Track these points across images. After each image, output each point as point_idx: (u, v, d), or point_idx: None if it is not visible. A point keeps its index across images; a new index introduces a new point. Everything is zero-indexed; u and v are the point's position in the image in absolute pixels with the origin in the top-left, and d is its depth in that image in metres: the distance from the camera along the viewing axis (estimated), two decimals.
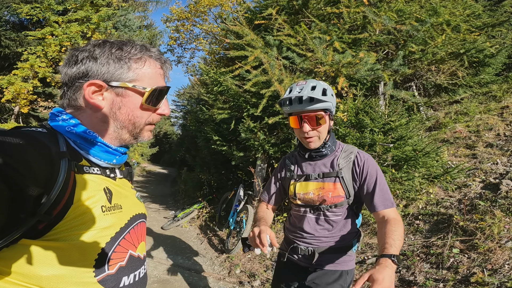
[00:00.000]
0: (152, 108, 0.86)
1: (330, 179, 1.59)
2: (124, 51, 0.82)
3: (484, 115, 6.63)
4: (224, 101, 5.16)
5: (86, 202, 0.71)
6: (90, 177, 0.76)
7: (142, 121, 0.86)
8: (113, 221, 0.77)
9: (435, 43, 5.03)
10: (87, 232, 0.69)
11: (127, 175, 0.98)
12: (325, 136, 1.60)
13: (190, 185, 8.39)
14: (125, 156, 0.91)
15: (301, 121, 1.54)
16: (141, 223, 0.92)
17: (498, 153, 4.99)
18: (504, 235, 3.03)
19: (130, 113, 0.83)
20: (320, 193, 1.58)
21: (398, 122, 4.24)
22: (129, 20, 12.50)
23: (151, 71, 0.85)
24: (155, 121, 0.90)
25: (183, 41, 12.27)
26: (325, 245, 1.60)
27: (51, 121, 0.80)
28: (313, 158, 1.65)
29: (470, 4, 6.30)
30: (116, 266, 0.77)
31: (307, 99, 1.50)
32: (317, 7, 4.65)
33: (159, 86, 0.85)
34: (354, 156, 1.60)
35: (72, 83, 0.81)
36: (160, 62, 0.89)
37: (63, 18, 10.90)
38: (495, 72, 7.01)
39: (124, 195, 0.87)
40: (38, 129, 0.74)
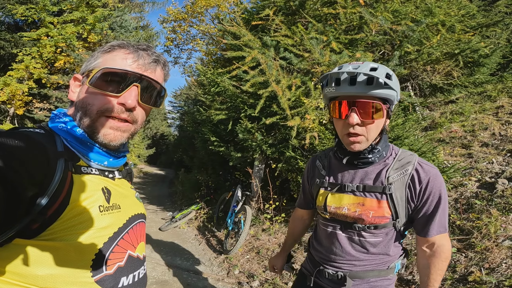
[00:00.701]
0: (107, 93, 0.77)
1: (374, 194, 1.20)
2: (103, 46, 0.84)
3: (479, 114, 6.69)
4: (221, 102, 5.16)
5: (83, 202, 0.70)
6: (88, 177, 0.76)
7: (93, 108, 0.77)
8: (111, 221, 0.77)
9: (430, 44, 5.07)
10: (84, 232, 0.69)
11: (127, 175, 0.97)
12: (374, 137, 1.17)
13: (188, 186, 8.37)
14: (122, 159, 0.89)
15: (349, 109, 1.12)
16: (141, 223, 0.91)
17: (493, 152, 5.03)
18: (500, 234, 3.06)
19: (84, 99, 0.79)
20: (357, 210, 1.21)
21: (394, 122, 4.26)
22: (125, 21, 12.48)
23: (113, 57, 0.82)
24: (110, 111, 0.78)
25: (180, 42, 12.26)
26: (359, 269, 1.26)
27: (51, 121, 0.80)
28: (353, 164, 1.25)
29: (464, 4, 6.36)
30: (114, 267, 0.76)
31: (364, 80, 1.07)
32: (313, 7, 4.67)
33: (111, 67, 0.79)
34: (413, 169, 1.17)
35: None
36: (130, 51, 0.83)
37: (59, 19, 10.87)
38: (490, 72, 7.07)
39: (123, 195, 0.87)
40: (36, 130, 0.74)
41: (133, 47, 0.84)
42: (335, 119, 1.20)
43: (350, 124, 1.12)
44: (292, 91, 4.11)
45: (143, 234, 0.93)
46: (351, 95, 1.12)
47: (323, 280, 1.35)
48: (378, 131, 1.16)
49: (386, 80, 1.07)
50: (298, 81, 4.22)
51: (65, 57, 11.30)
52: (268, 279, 3.62)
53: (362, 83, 1.07)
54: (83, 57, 11.20)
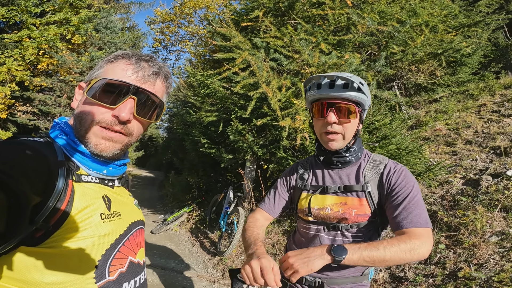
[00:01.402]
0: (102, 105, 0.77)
1: (355, 193, 1.28)
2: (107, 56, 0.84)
3: (462, 113, 6.88)
4: (211, 104, 5.16)
5: (85, 210, 0.71)
6: (88, 185, 0.77)
7: (88, 118, 0.77)
8: (113, 228, 0.78)
9: (414, 44, 5.19)
10: (87, 240, 0.70)
11: (124, 183, 0.99)
12: (350, 137, 1.29)
13: (178, 188, 8.32)
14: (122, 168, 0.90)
15: (327, 109, 1.25)
16: (140, 229, 0.92)
17: (477, 149, 5.18)
18: (487, 230, 3.16)
19: (81, 109, 0.80)
20: (340, 210, 1.27)
21: (382, 121, 4.35)
22: (111, 22, 12.29)
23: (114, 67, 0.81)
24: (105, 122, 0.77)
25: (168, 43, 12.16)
26: (336, 275, 1.28)
27: (52, 130, 0.81)
28: (333, 165, 1.34)
29: (447, 4, 6.52)
30: (116, 273, 0.77)
31: (341, 84, 1.23)
32: (302, 9, 4.72)
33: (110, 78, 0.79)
34: (384, 167, 1.28)
35: None
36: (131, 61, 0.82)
37: (41, 21, 10.65)
38: (472, 71, 7.28)
39: (123, 203, 0.88)
40: (35, 138, 0.75)
41: (135, 57, 0.83)
42: (316, 119, 1.32)
43: (328, 123, 1.24)
44: (282, 92, 4.15)
45: (143, 240, 0.95)
46: (330, 97, 1.25)
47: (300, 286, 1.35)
48: (353, 131, 1.29)
49: (360, 85, 1.23)
50: (288, 82, 4.26)
51: (48, 59, 11.05)
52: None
53: (340, 86, 1.23)
54: (67, 58, 10.99)
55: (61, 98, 12.01)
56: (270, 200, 1.49)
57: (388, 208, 1.22)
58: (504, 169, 4.20)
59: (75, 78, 11.37)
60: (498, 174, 4.17)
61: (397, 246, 1.06)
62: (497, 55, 11.00)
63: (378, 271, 3.16)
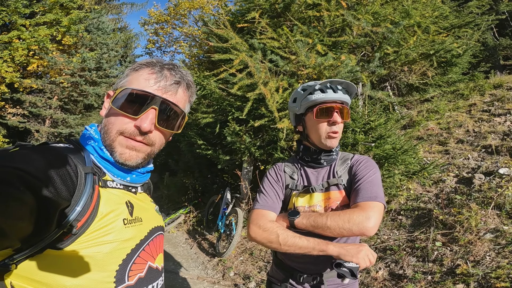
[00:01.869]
0: (126, 115, 0.78)
1: (335, 187, 1.41)
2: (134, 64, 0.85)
3: (453, 112, 6.99)
4: (207, 105, 5.16)
5: (109, 215, 0.73)
6: (113, 191, 0.79)
7: (113, 128, 0.79)
8: (134, 233, 0.79)
9: (407, 45, 5.28)
10: (109, 244, 0.72)
11: (147, 189, 1.01)
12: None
13: (174, 190, 8.28)
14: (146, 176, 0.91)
15: (331, 111, 1.37)
16: (160, 235, 0.94)
17: (469, 148, 5.28)
18: (481, 227, 3.23)
19: (107, 119, 0.82)
20: (327, 204, 1.38)
21: (377, 121, 4.41)
22: (103, 23, 12.18)
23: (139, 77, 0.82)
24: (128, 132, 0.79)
25: (162, 44, 12.09)
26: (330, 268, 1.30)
27: (82, 136, 0.83)
28: (319, 163, 1.45)
29: (438, 5, 6.64)
30: (135, 278, 0.78)
31: (342, 89, 1.40)
32: (298, 10, 4.76)
33: (133, 88, 0.80)
34: (350, 161, 1.45)
35: None
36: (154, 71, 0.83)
37: (31, 21, 10.49)
38: (462, 71, 7.43)
39: (145, 209, 0.89)
40: (66, 144, 0.77)
41: (159, 66, 0.83)
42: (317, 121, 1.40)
43: (335, 122, 1.37)
44: (279, 93, 4.18)
45: (162, 246, 0.96)
46: (334, 100, 1.38)
47: (298, 285, 1.37)
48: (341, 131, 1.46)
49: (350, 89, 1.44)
50: (285, 83, 4.29)
51: (38, 60, 10.91)
52: (264, 279, 3.67)
53: (343, 91, 1.40)
54: (57, 60, 10.85)
55: (52, 100, 11.86)
56: (272, 199, 1.43)
57: (351, 190, 1.36)
58: (496, 167, 4.29)
59: (66, 80, 11.24)
60: (490, 172, 4.27)
61: (338, 216, 1.22)
62: (486, 55, 11.24)
63: (378, 269, 3.21)
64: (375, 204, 1.23)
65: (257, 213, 1.40)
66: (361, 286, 3.11)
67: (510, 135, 5.10)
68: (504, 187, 3.72)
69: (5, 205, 0.51)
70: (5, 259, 0.62)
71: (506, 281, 2.38)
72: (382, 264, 3.31)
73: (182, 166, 7.87)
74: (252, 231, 1.35)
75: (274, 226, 1.31)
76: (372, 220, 1.18)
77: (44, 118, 12.03)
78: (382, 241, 3.71)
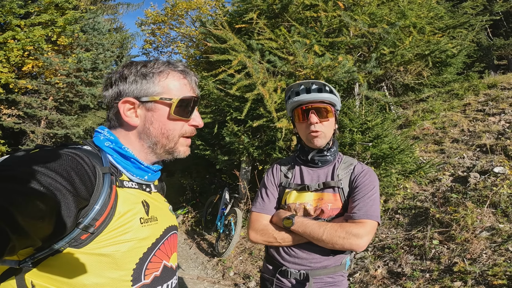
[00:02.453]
0: (183, 119, 0.88)
1: (330, 189, 1.44)
2: (148, 67, 0.87)
3: (448, 112, 7.06)
4: (206, 105, 5.18)
5: (127, 215, 0.75)
6: (129, 191, 0.81)
7: (175, 133, 0.88)
8: (150, 232, 0.81)
9: (403, 46, 5.33)
10: (127, 243, 0.73)
11: (160, 189, 1.03)
12: (330, 135, 1.48)
13: (171, 190, 8.28)
14: (158, 173, 0.95)
15: (307, 113, 1.44)
16: (174, 234, 0.96)
17: (464, 147, 5.35)
18: (477, 225, 3.28)
19: (162, 127, 0.87)
20: (318, 204, 1.42)
21: (374, 121, 4.45)
22: (98, 23, 12.11)
23: (176, 82, 0.88)
24: (188, 133, 0.91)
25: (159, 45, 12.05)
26: (319, 266, 1.39)
27: (94, 137, 0.85)
28: (314, 163, 1.50)
29: (433, 6, 6.70)
30: (151, 276, 0.80)
31: (316, 88, 1.44)
32: (296, 11, 4.79)
33: (186, 96, 0.88)
34: (354, 167, 1.49)
35: (111, 105, 0.87)
36: (183, 74, 0.91)
37: (26, 22, 10.41)
38: (456, 71, 7.50)
39: (159, 208, 0.91)
40: (84, 146, 0.79)
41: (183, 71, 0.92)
42: (299, 124, 1.49)
43: (311, 123, 1.41)
44: (278, 93, 4.20)
45: (176, 245, 0.98)
46: (308, 100, 1.44)
47: (285, 280, 1.42)
48: (332, 129, 1.48)
49: (331, 88, 1.46)
50: (283, 84, 4.31)
51: (33, 61, 10.83)
52: None
53: (315, 90, 1.44)
54: (52, 60, 10.78)
55: (47, 101, 11.78)
56: (270, 202, 1.53)
57: (350, 201, 1.40)
58: (491, 166, 4.36)
59: (62, 80, 11.16)
60: (485, 171, 4.33)
61: (334, 231, 1.28)
62: (480, 55, 11.35)
63: (376, 267, 3.25)
64: (371, 223, 1.31)
65: (254, 217, 1.52)
66: (360, 284, 3.15)
67: (504, 134, 5.17)
68: (499, 186, 3.78)
69: (26, 205, 0.52)
70: (26, 258, 0.64)
71: (503, 279, 2.42)
72: (380, 262, 3.35)
73: (180, 167, 7.87)
74: (251, 236, 1.49)
75: (270, 229, 1.44)
76: (365, 239, 1.27)
77: (39, 119, 11.93)
78: (380, 240, 3.75)
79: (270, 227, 1.45)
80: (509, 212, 3.35)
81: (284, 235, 1.40)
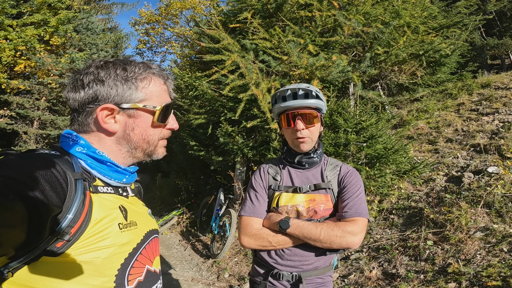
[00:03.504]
0: (162, 124, 0.89)
1: (321, 190, 1.47)
2: (128, 71, 0.83)
3: (442, 112, 7.10)
4: (200, 106, 5.14)
5: (103, 221, 0.73)
6: (105, 196, 0.78)
7: (155, 138, 0.88)
8: (130, 237, 0.79)
9: (397, 45, 5.34)
10: (107, 249, 0.72)
11: (138, 193, 1.01)
12: (316, 139, 1.50)
13: (166, 191, 8.25)
14: (134, 175, 0.93)
15: (294, 119, 1.44)
16: (155, 238, 0.95)
17: (457, 147, 5.37)
18: (471, 226, 3.28)
19: (144, 133, 0.86)
20: (311, 206, 1.44)
21: (368, 121, 4.45)
22: (92, 23, 12.00)
23: (157, 89, 0.87)
24: (166, 136, 0.93)
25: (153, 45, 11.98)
26: (310, 267, 1.41)
27: (62, 143, 0.81)
28: (302, 165, 1.52)
29: (427, 6, 6.72)
30: (135, 282, 0.79)
31: (302, 94, 1.43)
32: (291, 10, 4.77)
33: (167, 103, 0.89)
34: (340, 168, 1.53)
35: (82, 108, 0.81)
36: (163, 79, 0.91)
37: (18, 22, 10.29)
38: (450, 71, 7.54)
39: (138, 213, 0.90)
40: (52, 151, 0.76)
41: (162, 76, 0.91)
42: (285, 129, 1.50)
43: (297, 130, 1.42)
44: (271, 94, 4.18)
45: (158, 249, 0.97)
46: (294, 106, 1.44)
47: (277, 282, 1.43)
48: (318, 133, 1.49)
49: (317, 93, 1.45)
50: (277, 84, 4.29)
51: (26, 61, 10.71)
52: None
53: (301, 96, 1.43)
54: (45, 60, 10.66)
55: (40, 101, 11.66)
56: (255, 206, 1.51)
57: (340, 201, 1.45)
58: (485, 166, 4.37)
59: (54, 80, 11.05)
60: (479, 171, 4.34)
61: (331, 230, 1.31)
62: (474, 54, 11.44)
63: (371, 269, 3.25)
64: (363, 220, 1.37)
65: (245, 221, 1.49)
66: (355, 285, 3.14)
67: (498, 134, 5.20)
68: (493, 186, 3.79)
69: None
70: (0, 267, 0.62)
71: (497, 280, 2.42)
72: (375, 263, 3.34)
73: (175, 167, 7.83)
74: (244, 241, 1.46)
75: (264, 233, 1.43)
76: (360, 236, 1.33)
77: (32, 120, 11.81)
78: (375, 241, 3.74)
79: (264, 231, 1.43)
80: (503, 212, 3.35)
81: (280, 238, 1.39)
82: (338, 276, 3.38)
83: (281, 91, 1.48)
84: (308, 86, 1.46)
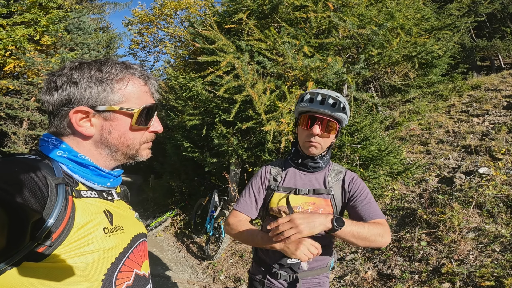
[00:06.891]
0: (143, 127, 0.85)
1: (322, 195, 1.49)
2: (104, 72, 0.79)
3: (433, 113, 7.19)
4: (194, 107, 5.12)
5: (88, 225, 0.71)
6: (88, 200, 0.76)
7: (136, 142, 0.85)
8: (116, 242, 0.78)
9: (391, 47, 5.39)
10: (91, 254, 0.70)
11: (124, 196, 1.00)
12: (326, 147, 1.51)
13: (160, 192, 8.18)
14: (119, 178, 0.91)
15: (313, 122, 1.44)
16: (143, 242, 0.93)
17: (449, 148, 5.44)
18: (464, 226, 3.34)
19: (122, 136, 0.83)
20: (310, 208, 1.46)
21: (362, 123, 4.48)
22: (84, 23, 11.84)
23: (136, 90, 0.84)
24: (149, 140, 0.90)
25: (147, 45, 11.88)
26: (308, 268, 1.47)
27: (41, 147, 0.78)
28: (307, 168, 1.53)
29: (420, 7, 6.80)
30: (123, 286, 0.78)
31: (332, 103, 1.42)
32: (286, 11, 4.78)
33: (147, 105, 0.84)
34: (343, 175, 1.55)
35: (57, 111, 0.78)
36: (144, 79, 0.87)
37: (8, 21, 10.11)
38: (441, 72, 7.64)
39: (124, 216, 0.88)
40: (31, 156, 0.73)
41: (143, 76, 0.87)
42: (301, 129, 1.50)
43: (313, 134, 1.43)
44: (267, 95, 4.18)
45: (146, 253, 0.95)
46: (318, 111, 1.43)
47: (275, 281, 1.49)
48: (330, 143, 1.50)
49: (345, 105, 1.43)
50: (272, 85, 4.29)
51: (15, 61, 10.53)
52: None
53: (329, 104, 1.42)
54: (35, 60, 10.50)
55: (29, 101, 11.47)
56: (247, 202, 1.57)
57: (354, 206, 1.45)
58: (476, 167, 4.44)
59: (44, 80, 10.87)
60: (470, 172, 4.41)
61: (376, 229, 1.29)
62: (464, 56, 11.62)
63: (366, 269, 3.28)
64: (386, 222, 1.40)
65: (232, 213, 1.57)
66: (351, 286, 3.16)
67: (488, 135, 5.28)
68: (484, 187, 3.85)
69: None
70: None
71: (490, 280, 2.46)
72: (370, 264, 3.37)
73: (168, 169, 7.78)
74: (225, 229, 1.56)
75: (239, 225, 1.49)
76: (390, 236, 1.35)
77: (21, 120, 11.60)
78: None
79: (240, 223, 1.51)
80: (495, 213, 3.41)
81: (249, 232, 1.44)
82: (334, 277, 3.40)
83: (311, 92, 1.48)
84: (339, 97, 1.44)
